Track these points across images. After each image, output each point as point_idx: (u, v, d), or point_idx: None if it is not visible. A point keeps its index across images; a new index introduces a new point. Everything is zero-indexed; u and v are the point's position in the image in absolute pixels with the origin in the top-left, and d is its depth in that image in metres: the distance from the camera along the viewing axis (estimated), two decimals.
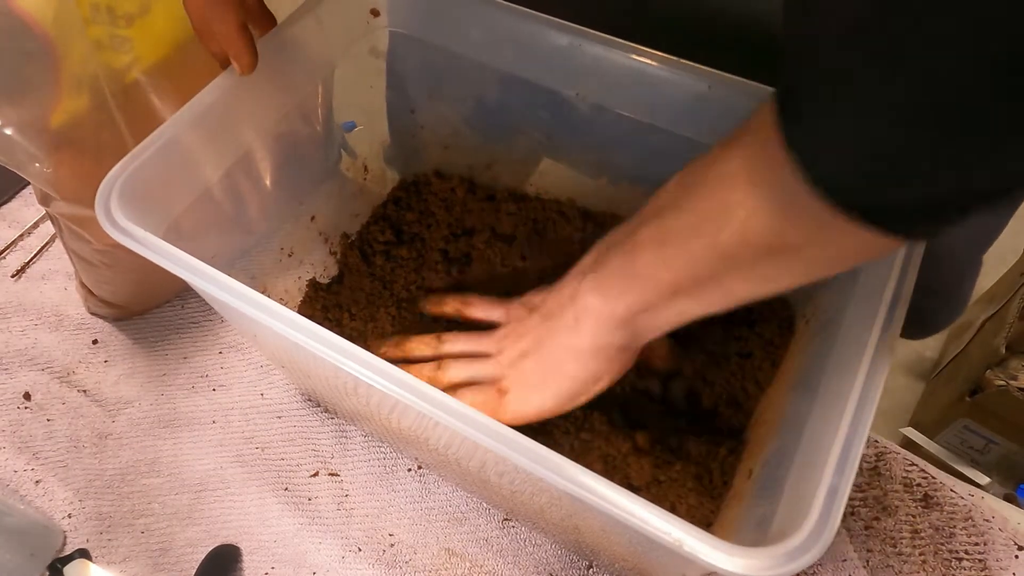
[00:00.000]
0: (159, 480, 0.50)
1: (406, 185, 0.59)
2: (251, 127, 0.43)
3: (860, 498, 0.48)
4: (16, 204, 0.65)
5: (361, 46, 0.50)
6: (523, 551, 0.47)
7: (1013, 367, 0.94)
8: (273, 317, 0.31)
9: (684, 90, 0.41)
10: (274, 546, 0.47)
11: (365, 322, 0.51)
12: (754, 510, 0.35)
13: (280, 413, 0.53)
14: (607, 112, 0.45)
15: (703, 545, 0.26)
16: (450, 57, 0.49)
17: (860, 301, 0.34)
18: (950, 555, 0.46)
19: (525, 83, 0.47)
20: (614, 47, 0.42)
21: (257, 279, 0.48)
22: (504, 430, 0.28)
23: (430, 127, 0.56)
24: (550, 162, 0.55)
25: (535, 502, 0.39)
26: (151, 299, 0.57)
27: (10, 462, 0.50)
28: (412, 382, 0.30)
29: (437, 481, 0.49)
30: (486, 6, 0.45)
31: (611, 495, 0.27)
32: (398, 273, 0.54)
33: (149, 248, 0.33)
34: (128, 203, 0.35)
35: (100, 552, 0.47)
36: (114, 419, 0.53)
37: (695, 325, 0.50)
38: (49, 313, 0.58)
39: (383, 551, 0.47)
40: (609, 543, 0.38)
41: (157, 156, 0.37)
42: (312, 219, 0.52)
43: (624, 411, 0.47)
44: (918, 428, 1.06)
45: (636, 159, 0.49)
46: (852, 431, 0.28)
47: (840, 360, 0.33)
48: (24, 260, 0.61)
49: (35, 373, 0.54)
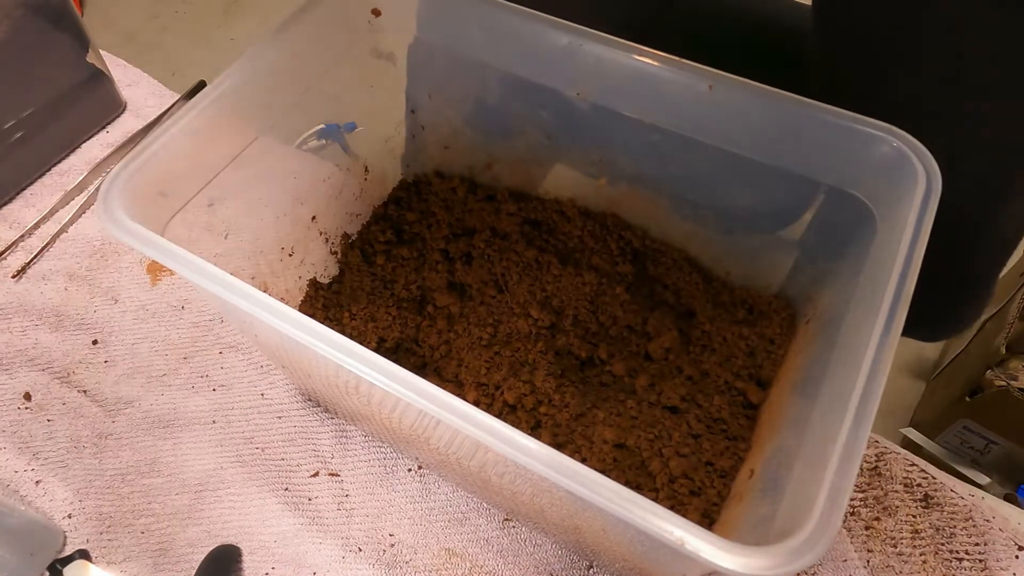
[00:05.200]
0: (159, 480, 0.50)
1: (407, 185, 0.59)
2: (254, 126, 0.43)
3: (860, 498, 0.48)
4: (17, 205, 0.65)
5: (361, 46, 0.50)
6: (523, 551, 0.47)
7: (1013, 367, 0.94)
8: (275, 315, 0.31)
9: (684, 90, 0.41)
10: (274, 546, 0.47)
11: (365, 321, 0.51)
12: (755, 509, 0.35)
13: (280, 413, 0.53)
14: (607, 112, 0.45)
15: (705, 544, 0.26)
16: (450, 57, 0.49)
17: (861, 301, 0.34)
18: (950, 555, 0.46)
19: (526, 83, 0.47)
20: (614, 47, 0.42)
21: (257, 278, 0.48)
22: (505, 429, 0.28)
23: (430, 127, 0.56)
24: (550, 162, 0.55)
25: (536, 502, 0.39)
26: None
27: (10, 462, 0.50)
28: (413, 380, 0.30)
29: (437, 481, 0.49)
30: (486, 6, 0.45)
31: (613, 494, 0.27)
32: (399, 273, 0.54)
33: (151, 246, 0.33)
34: (129, 201, 0.35)
35: (100, 552, 0.47)
36: (114, 419, 0.53)
37: (697, 324, 0.50)
38: (49, 313, 0.58)
39: (383, 551, 0.47)
40: (610, 543, 0.38)
41: (159, 154, 0.37)
42: (313, 219, 0.52)
43: (625, 410, 0.47)
44: (918, 428, 1.06)
45: (636, 159, 0.49)
46: (854, 431, 0.28)
47: (841, 360, 0.33)
48: (24, 261, 0.60)
49: (35, 373, 0.54)
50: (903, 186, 0.35)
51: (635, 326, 0.50)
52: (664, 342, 0.49)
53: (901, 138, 0.37)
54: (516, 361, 0.48)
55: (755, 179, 0.43)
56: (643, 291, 0.52)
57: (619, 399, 0.47)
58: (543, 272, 0.53)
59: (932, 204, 0.34)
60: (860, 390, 0.29)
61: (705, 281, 0.52)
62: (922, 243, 0.33)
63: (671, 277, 0.53)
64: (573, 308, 0.51)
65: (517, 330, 0.50)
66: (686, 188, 0.49)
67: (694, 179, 0.48)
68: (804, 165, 0.40)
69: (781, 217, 0.46)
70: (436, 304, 0.52)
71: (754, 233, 0.49)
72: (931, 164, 0.35)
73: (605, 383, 0.48)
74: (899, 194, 0.36)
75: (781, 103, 0.39)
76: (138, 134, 0.69)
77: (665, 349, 0.49)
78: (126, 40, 1.85)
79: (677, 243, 0.53)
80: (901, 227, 0.34)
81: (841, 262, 0.41)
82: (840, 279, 0.41)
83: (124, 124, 0.71)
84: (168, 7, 1.94)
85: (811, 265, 0.47)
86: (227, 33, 1.88)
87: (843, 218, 0.40)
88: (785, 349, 0.48)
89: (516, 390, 0.46)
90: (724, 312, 0.51)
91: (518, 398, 0.46)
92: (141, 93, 0.73)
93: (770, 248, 0.49)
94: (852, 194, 0.39)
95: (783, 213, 0.46)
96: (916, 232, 0.33)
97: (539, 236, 0.55)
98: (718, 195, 0.48)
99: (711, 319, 0.50)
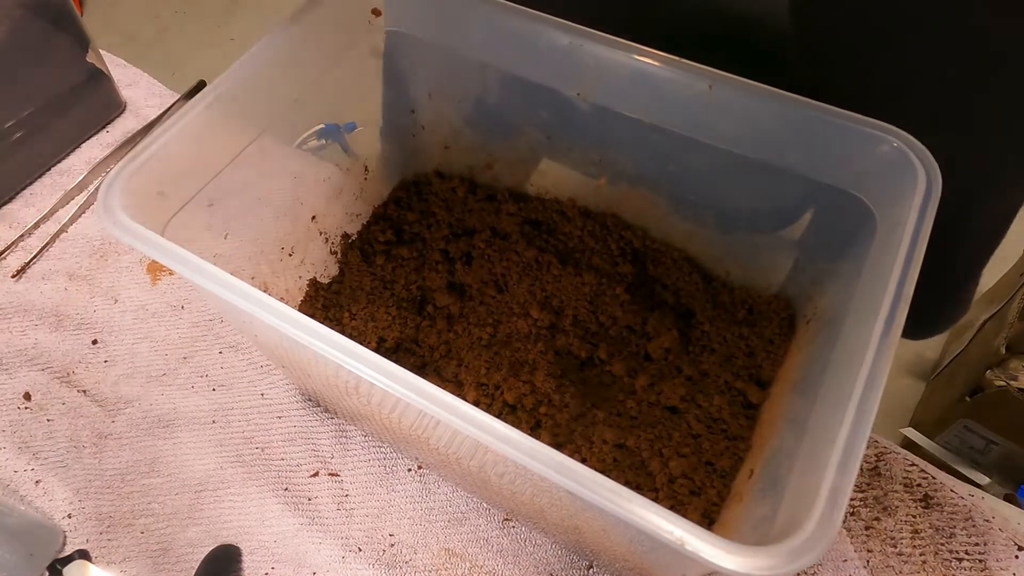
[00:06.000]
0: (159, 480, 0.50)
1: (407, 185, 0.59)
2: (254, 126, 0.43)
3: (860, 498, 0.48)
4: (17, 205, 0.65)
5: (361, 46, 0.50)
6: (523, 551, 0.47)
7: (1013, 367, 0.94)
8: (275, 315, 0.31)
9: (684, 90, 0.41)
10: (274, 546, 0.47)
11: (365, 321, 0.51)
12: (755, 510, 0.35)
13: (280, 413, 0.53)
14: (607, 112, 0.45)
15: (705, 544, 0.26)
16: (450, 57, 0.49)
17: (861, 301, 0.34)
18: (950, 555, 0.46)
19: (525, 83, 0.47)
20: (615, 47, 0.42)
21: (257, 278, 0.48)
22: (505, 429, 0.28)
23: (430, 127, 0.56)
24: (550, 162, 0.55)
25: (536, 502, 0.39)
26: None
27: (10, 462, 0.50)
28: (413, 380, 0.30)
29: (437, 481, 0.49)
30: (486, 6, 0.45)
31: (613, 494, 0.27)
32: (399, 273, 0.54)
33: (151, 246, 0.33)
34: (129, 201, 0.35)
35: (100, 552, 0.47)
36: (114, 419, 0.53)
37: (697, 324, 0.50)
38: (49, 313, 0.58)
39: (383, 551, 0.47)
40: (610, 543, 0.38)
41: (159, 154, 0.37)
42: (313, 219, 0.52)
43: (625, 411, 0.47)
44: (918, 428, 1.06)
45: (636, 159, 0.49)
46: (854, 431, 0.28)
47: (841, 360, 0.33)
48: (24, 260, 0.60)
49: (35, 373, 0.54)
50: (903, 186, 0.35)
51: (635, 326, 0.50)
52: (664, 342, 0.49)
53: (901, 138, 0.37)
54: (516, 361, 0.48)
55: (755, 179, 0.43)
56: (643, 291, 0.52)
57: (619, 399, 0.47)
58: (543, 272, 0.53)
59: (932, 204, 0.34)
60: (860, 390, 0.29)
61: (705, 281, 0.52)
62: (922, 243, 0.33)
63: (671, 277, 0.53)
64: (573, 308, 0.51)
65: (517, 330, 0.50)
66: (686, 188, 0.49)
67: (694, 179, 0.48)
68: (804, 165, 0.40)
69: (781, 217, 0.46)
70: (436, 304, 0.52)
71: (754, 233, 0.49)
72: (931, 164, 0.35)
73: (605, 383, 0.48)
74: (899, 194, 0.36)
75: (781, 103, 0.39)
76: (138, 134, 0.69)
77: (665, 349, 0.49)
78: (126, 40, 1.85)
79: (677, 243, 0.53)
80: (901, 227, 0.34)
81: (841, 262, 0.41)
82: (840, 279, 0.41)
83: (124, 124, 0.71)
84: (168, 7, 1.94)
85: (811, 265, 0.47)
86: (227, 33, 1.88)
87: (843, 218, 0.40)
88: (785, 349, 0.48)
89: (516, 390, 0.46)
90: (724, 312, 0.51)
91: (518, 398, 0.46)
92: (141, 93, 0.73)
93: (770, 248, 0.49)
94: (852, 194, 0.39)
95: (783, 213, 0.46)
96: (916, 232, 0.33)
97: (539, 236, 0.55)
98: (718, 195, 0.48)
99: (711, 319, 0.50)
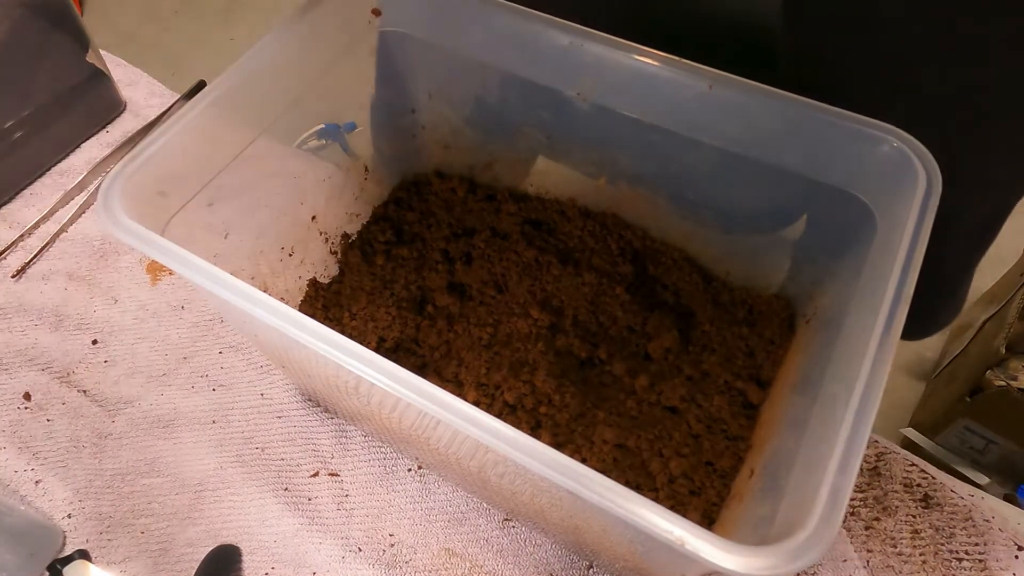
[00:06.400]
0: (159, 480, 0.50)
1: (407, 185, 0.59)
2: (254, 126, 0.43)
3: (860, 498, 0.48)
4: (17, 205, 0.65)
5: (361, 46, 0.50)
6: (523, 551, 0.47)
7: (1013, 367, 0.94)
8: (275, 315, 0.31)
9: (684, 90, 0.41)
10: (274, 546, 0.47)
11: (365, 321, 0.51)
12: (755, 509, 0.35)
13: (280, 413, 0.53)
14: (607, 112, 0.45)
15: (705, 544, 0.26)
16: (450, 57, 0.49)
17: (861, 301, 0.34)
18: (950, 555, 0.46)
19: (525, 83, 0.47)
20: (614, 47, 0.42)
21: (257, 278, 0.48)
22: (505, 429, 0.28)
23: (430, 127, 0.56)
24: (550, 162, 0.54)
25: (536, 502, 0.39)
26: None
27: (10, 462, 0.50)
28: (413, 380, 0.30)
29: (437, 481, 0.49)
30: (486, 6, 0.45)
31: (613, 493, 0.27)
32: (399, 273, 0.54)
33: (151, 246, 0.33)
34: (129, 201, 0.35)
35: (100, 552, 0.47)
36: (114, 419, 0.53)
37: (697, 324, 0.50)
38: (49, 313, 0.58)
39: (383, 551, 0.47)
40: (610, 543, 0.38)
41: (159, 154, 0.37)
42: (312, 219, 0.52)
43: (625, 411, 0.47)
44: (918, 428, 1.06)
45: (636, 159, 0.49)
46: (854, 431, 0.28)
47: (841, 360, 0.33)
48: (24, 260, 0.60)
49: (35, 373, 0.54)
50: (903, 186, 0.35)
51: (635, 326, 0.50)
52: (664, 342, 0.49)
53: (901, 138, 0.37)
54: (516, 361, 0.48)
55: (755, 179, 0.43)
56: (643, 291, 0.52)
57: (619, 399, 0.47)
58: (543, 272, 0.53)
59: (932, 204, 0.34)
60: (860, 390, 0.29)
61: (705, 281, 0.52)
62: (922, 243, 0.33)
63: (671, 277, 0.53)
64: (573, 308, 0.51)
65: (517, 330, 0.50)
66: (686, 188, 0.49)
67: (694, 179, 0.48)
68: (804, 165, 0.40)
69: (781, 217, 0.46)
70: (436, 304, 0.52)
71: (754, 233, 0.49)
72: (931, 164, 0.35)
73: (605, 383, 0.48)
74: (899, 194, 0.36)
75: (781, 103, 0.39)
76: (138, 134, 0.69)
77: (665, 349, 0.49)
78: (126, 40, 1.85)
79: (677, 243, 0.53)
80: (901, 227, 0.34)
81: (841, 262, 0.41)
82: (840, 279, 0.41)
83: (124, 124, 0.71)
84: (168, 7, 1.94)
85: (811, 265, 0.47)
86: (227, 33, 1.88)
87: (843, 218, 0.40)
88: (785, 349, 0.48)
89: (516, 390, 0.46)
90: (724, 312, 0.51)
91: (518, 398, 0.46)
92: (141, 93, 0.73)
93: (770, 248, 0.49)
94: (852, 194, 0.39)
95: (783, 213, 0.46)
96: (916, 232, 0.33)
97: (539, 236, 0.55)
98: (718, 195, 0.48)
99: (711, 319, 0.50)
